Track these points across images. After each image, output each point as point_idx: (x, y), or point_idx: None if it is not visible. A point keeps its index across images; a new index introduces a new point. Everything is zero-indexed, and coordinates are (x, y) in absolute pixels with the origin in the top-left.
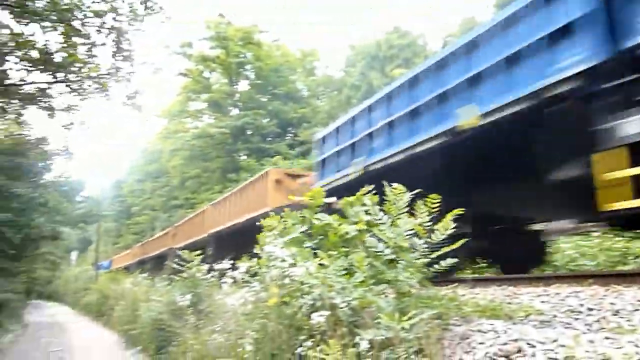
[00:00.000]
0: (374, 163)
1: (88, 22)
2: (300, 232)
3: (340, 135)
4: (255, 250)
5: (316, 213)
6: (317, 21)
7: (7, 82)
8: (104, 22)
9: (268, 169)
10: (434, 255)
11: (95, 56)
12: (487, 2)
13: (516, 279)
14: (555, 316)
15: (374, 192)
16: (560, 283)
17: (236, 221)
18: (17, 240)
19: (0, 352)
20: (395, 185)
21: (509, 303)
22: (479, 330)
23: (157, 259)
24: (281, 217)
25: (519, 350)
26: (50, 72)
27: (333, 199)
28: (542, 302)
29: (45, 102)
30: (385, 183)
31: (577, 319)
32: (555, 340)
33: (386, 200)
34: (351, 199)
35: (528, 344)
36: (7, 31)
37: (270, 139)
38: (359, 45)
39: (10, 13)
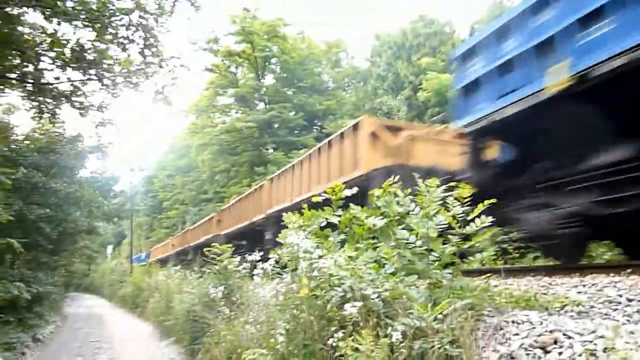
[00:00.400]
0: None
1: (116, 20)
2: (324, 225)
3: (504, 39)
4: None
5: (339, 207)
6: (317, 21)
7: (43, 81)
8: (131, 20)
9: (360, 119)
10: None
11: (126, 51)
12: None
13: (551, 268)
14: (592, 307)
15: None
16: (597, 273)
17: (311, 194)
18: (55, 235)
19: (42, 342)
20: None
21: (544, 294)
22: (513, 321)
23: (199, 250)
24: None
25: (556, 342)
26: (83, 71)
27: (354, 190)
28: (579, 292)
29: (78, 100)
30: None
31: (616, 309)
32: (593, 332)
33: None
34: (379, 191)
35: (565, 335)
36: (41, 31)
37: (297, 131)
38: (384, 35)
39: (42, 14)
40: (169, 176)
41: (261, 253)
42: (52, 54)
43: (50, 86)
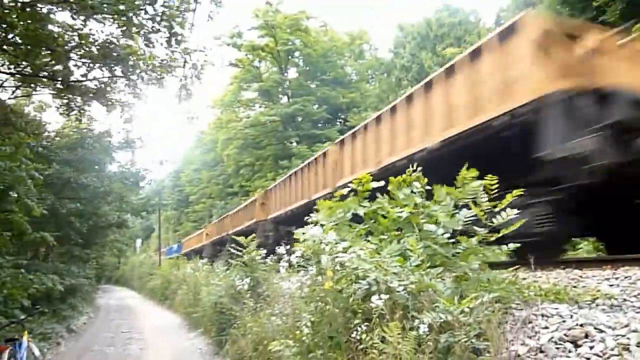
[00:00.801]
0: None
1: (141, 12)
2: (350, 217)
3: None
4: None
5: (365, 199)
6: (339, 13)
7: (71, 79)
8: (155, 10)
9: (520, 16)
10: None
11: (151, 45)
12: None
13: (582, 261)
14: (625, 300)
15: None
16: (630, 266)
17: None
18: (86, 228)
19: (76, 333)
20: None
21: (574, 287)
22: (543, 315)
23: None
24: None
25: (587, 335)
26: (109, 68)
27: (381, 183)
28: (611, 285)
29: (105, 96)
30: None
31: None
32: (626, 326)
33: None
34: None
35: (596, 329)
36: (70, 29)
37: (320, 125)
38: (407, 26)
39: (70, 10)
40: (195, 170)
41: None
42: (80, 52)
43: (79, 84)
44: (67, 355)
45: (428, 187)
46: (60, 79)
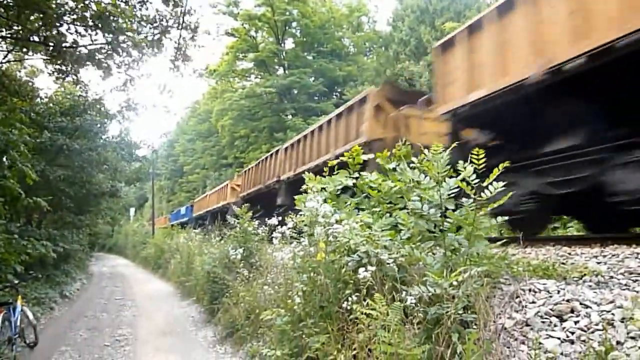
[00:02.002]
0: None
1: None
2: (342, 190)
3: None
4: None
5: (355, 171)
6: None
7: (65, 43)
8: None
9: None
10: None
11: (146, 10)
12: None
13: (571, 239)
14: (612, 277)
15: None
16: (618, 244)
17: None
18: (79, 196)
19: (69, 299)
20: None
21: (563, 263)
22: (530, 290)
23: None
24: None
25: (572, 310)
26: (104, 33)
27: (370, 156)
28: (598, 262)
29: (100, 61)
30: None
31: (636, 280)
32: (611, 302)
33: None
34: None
35: (582, 304)
36: None
37: (316, 98)
38: None
39: None
40: (189, 141)
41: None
42: (74, 16)
43: (72, 49)
44: (60, 320)
45: None
46: (52, 43)
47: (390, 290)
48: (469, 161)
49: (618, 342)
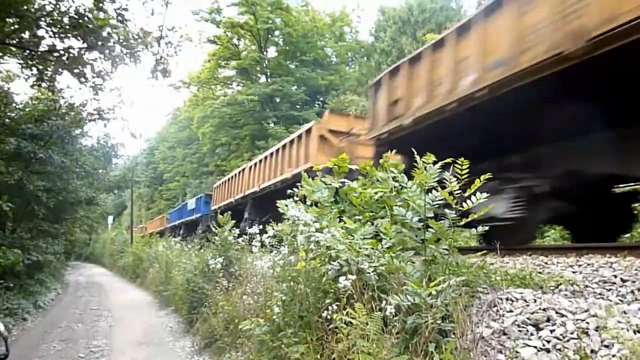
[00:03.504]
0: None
1: None
2: (325, 197)
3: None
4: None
5: (339, 180)
6: None
7: (41, 48)
8: None
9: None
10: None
11: (126, 21)
12: None
13: (547, 248)
14: (587, 286)
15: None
16: (593, 253)
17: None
18: (53, 203)
19: (43, 309)
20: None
21: (540, 272)
22: (508, 299)
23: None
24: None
25: (548, 319)
26: (82, 38)
27: (355, 166)
28: (574, 272)
29: (77, 68)
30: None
31: (610, 289)
32: (586, 311)
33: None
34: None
35: (558, 313)
36: None
37: (298, 106)
38: (389, 10)
39: None
40: (170, 148)
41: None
42: (50, 20)
43: (49, 54)
44: (33, 331)
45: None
46: (29, 47)
47: (369, 299)
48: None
49: (592, 351)
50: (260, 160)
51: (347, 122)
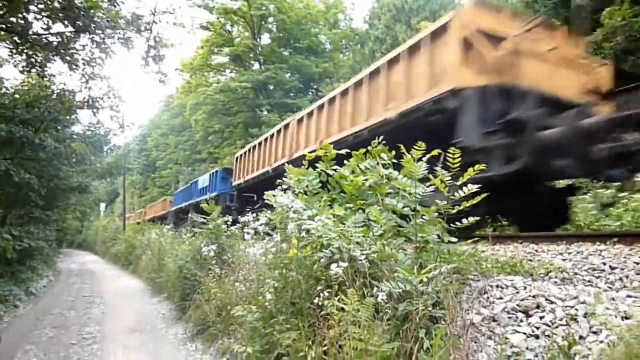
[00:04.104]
0: None
1: None
2: (316, 185)
3: None
4: None
5: (330, 166)
6: None
7: (31, 33)
8: None
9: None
10: (454, 211)
11: (116, 4)
12: None
13: (538, 236)
14: (576, 274)
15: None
16: (583, 241)
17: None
18: (45, 190)
19: (35, 296)
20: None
21: (530, 260)
22: (498, 286)
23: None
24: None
25: (538, 306)
26: (71, 22)
27: (344, 151)
28: (564, 259)
29: (68, 53)
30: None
31: (599, 277)
32: (575, 297)
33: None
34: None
35: (547, 300)
36: None
37: (292, 94)
38: None
39: None
40: (162, 135)
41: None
42: (41, 4)
43: (39, 38)
44: (25, 317)
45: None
46: (18, 32)
47: (361, 286)
48: None
49: (581, 337)
50: (333, 99)
51: (498, 21)
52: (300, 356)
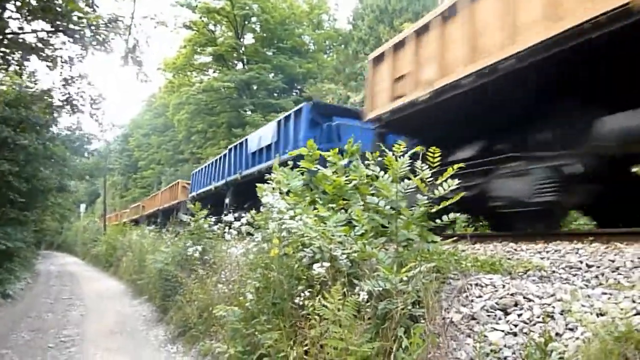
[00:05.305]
0: None
1: None
2: (300, 184)
3: None
4: None
5: (314, 167)
6: None
7: (7, 31)
8: None
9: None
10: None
11: (96, 6)
12: None
13: (517, 235)
14: (554, 272)
15: None
16: (561, 240)
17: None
18: (25, 190)
19: (12, 298)
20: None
21: (509, 259)
22: (477, 284)
23: None
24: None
25: (516, 304)
26: (50, 21)
27: (328, 153)
28: (542, 258)
29: (46, 53)
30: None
31: (575, 275)
32: (552, 295)
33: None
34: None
35: (525, 298)
36: None
37: (276, 94)
38: None
39: None
40: (144, 135)
41: None
42: (18, 3)
43: (17, 37)
44: (1, 321)
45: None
46: None
47: (342, 285)
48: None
49: (557, 334)
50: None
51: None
52: (282, 356)
